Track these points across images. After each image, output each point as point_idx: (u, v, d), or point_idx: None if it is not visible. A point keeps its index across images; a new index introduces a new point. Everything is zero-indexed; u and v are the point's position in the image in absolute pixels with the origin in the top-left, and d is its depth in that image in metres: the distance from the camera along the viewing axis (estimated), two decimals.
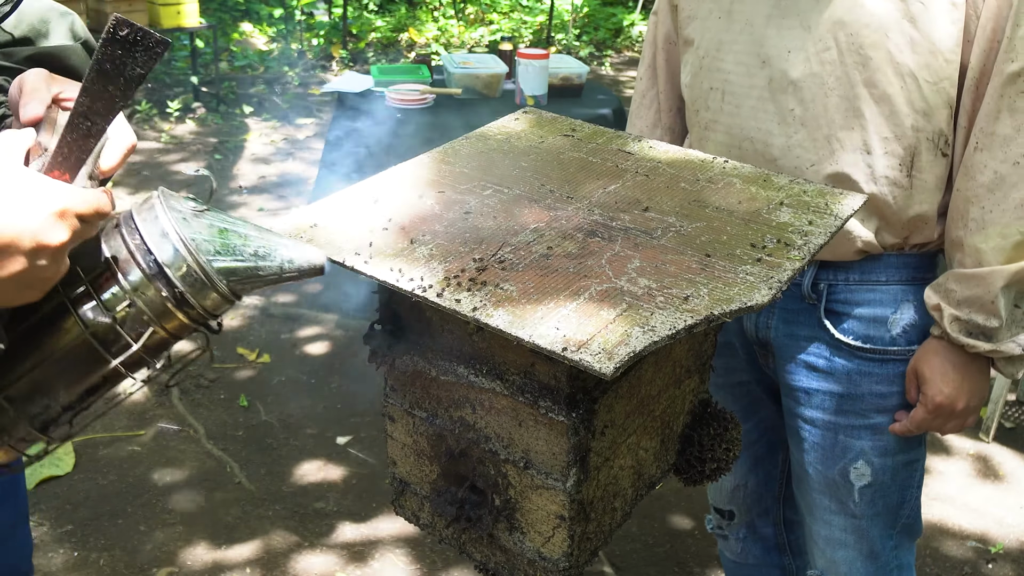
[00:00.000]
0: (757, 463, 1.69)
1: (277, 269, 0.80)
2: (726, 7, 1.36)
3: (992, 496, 2.76)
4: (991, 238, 1.22)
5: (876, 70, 1.23)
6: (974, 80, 1.22)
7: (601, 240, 0.98)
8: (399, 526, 2.54)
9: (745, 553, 1.78)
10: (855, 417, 1.39)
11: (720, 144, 1.39)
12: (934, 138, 1.25)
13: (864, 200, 1.11)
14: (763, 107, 1.33)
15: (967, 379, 1.29)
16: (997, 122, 1.19)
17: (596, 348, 0.79)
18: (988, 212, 1.22)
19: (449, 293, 0.87)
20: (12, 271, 0.69)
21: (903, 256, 1.34)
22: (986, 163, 1.21)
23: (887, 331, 1.35)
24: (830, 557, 1.49)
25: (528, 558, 1.04)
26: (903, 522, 1.46)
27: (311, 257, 0.82)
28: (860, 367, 1.37)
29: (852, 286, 1.36)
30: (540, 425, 0.95)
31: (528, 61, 3.34)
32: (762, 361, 1.52)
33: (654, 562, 2.46)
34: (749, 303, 0.87)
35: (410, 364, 1.03)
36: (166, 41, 0.73)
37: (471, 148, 1.21)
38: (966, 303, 1.24)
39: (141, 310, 0.76)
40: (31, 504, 2.57)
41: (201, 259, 0.76)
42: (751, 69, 1.33)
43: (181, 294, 0.76)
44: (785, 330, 1.42)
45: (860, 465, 1.40)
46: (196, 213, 0.79)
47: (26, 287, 0.71)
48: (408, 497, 1.15)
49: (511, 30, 8.88)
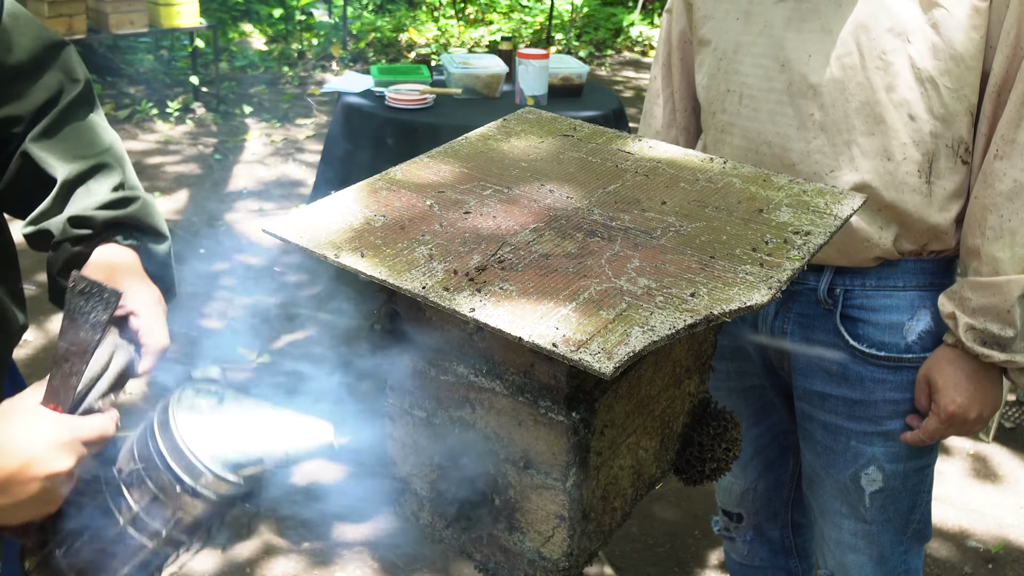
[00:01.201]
0: (768, 467, 1.68)
1: (285, 459, 0.95)
2: (744, 8, 1.34)
3: (992, 496, 2.76)
4: (1008, 247, 1.20)
5: (897, 75, 1.22)
6: (996, 87, 1.21)
7: (601, 240, 0.98)
8: (399, 527, 2.54)
9: (752, 556, 1.78)
10: (868, 423, 1.37)
11: (737, 147, 1.38)
12: (954, 145, 1.24)
13: (864, 200, 1.11)
14: (782, 111, 1.31)
15: (980, 389, 1.27)
16: (1019, 130, 1.18)
17: (596, 348, 0.79)
18: (1007, 221, 1.20)
19: (448, 293, 0.87)
20: (30, 493, 0.84)
21: (920, 262, 1.33)
22: (1006, 171, 1.20)
23: (902, 338, 1.33)
24: (840, 560, 1.48)
25: (528, 558, 1.04)
26: (914, 527, 1.45)
27: (319, 437, 0.96)
28: (874, 374, 1.36)
29: (868, 291, 1.34)
30: (540, 425, 0.95)
31: (528, 61, 3.34)
32: (777, 365, 1.51)
33: (654, 562, 2.46)
34: (748, 303, 0.87)
35: (410, 364, 1.03)
36: (117, 293, 0.86)
37: (471, 148, 1.21)
38: (981, 312, 1.23)
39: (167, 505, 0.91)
40: None
41: (216, 471, 0.89)
42: (770, 72, 1.31)
43: (196, 491, 0.89)
44: (801, 335, 1.41)
45: (872, 471, 1.39)
46: (213, 406, 0.94)
47: (44, 504, 0.86)
48: (407, 497, 1.15)
49: (511, 30, 8.88)
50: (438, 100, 3.45)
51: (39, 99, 1.11)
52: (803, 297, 1.39)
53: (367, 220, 1.00)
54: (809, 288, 1.38)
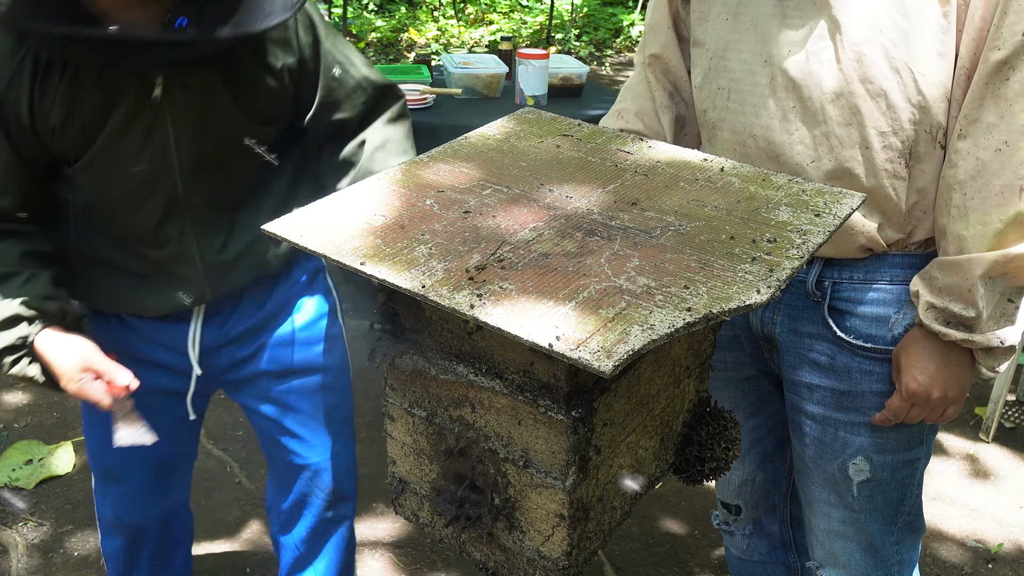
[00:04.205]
0: (766, 459, 1.69)
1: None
2: (733, 8, 1.37)
3: (992, 496, 2.76)
4: (972, 225, 1.21)
5: (871, 66, 1.24)
6: (964, 70, 1.22)
7: (600, 239, 0.98)
8: (399, 526, 2.54)
9: (751, 550, 1.78)
10: (855, 414, 1.39)
11: (726, 142, 1.40)
12: (932, 131, 1.26)
13: (863, 199, 1.11)
14: (764, 105, 1.33)
15: (943, 368, 1.28)
16: (981, 109, 1.19)
17: (595, 346, 0.79)
18: (970, 199, 1.21)
19: (448, 292, 0.87)
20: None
21: (907, 256, 1.34)
22: (969, 150, 1.21)
23: (889, 331, 1.35)
24: (829, 549, 1.49)
25: (528, 557, 1.04)
26: (904, 518, 1.46)
27: None
28: (862, 365, 1.37)
29: (856, 284, 1.36)
30: (539, 424, 0.95)
31: (528, 61, 3.34)
32: (767, 356, 1.53)
33: (654, 562, 2.46)
34: (748, 302, 0.87)
35: (409, 363, 1.03)
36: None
37: (471, 148, 1.21)
38: (946, 291, 1.24)
39: None
40: (31, 504, 2.58)
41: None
42: (755, 68, 1.34)
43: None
44: (789, 326, 1.43)
45: (859, 461, 1.41)
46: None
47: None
48: (407, 496, 1.15)
49: (511, 30, 8.88)
50: (438, 100, 3.45)
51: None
52: (792, 289, 1.41)
53: (367, 219, 1.01)
54: (798, 280, 1.40)
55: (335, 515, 1.79)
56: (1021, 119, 1.17)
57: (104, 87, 1.30)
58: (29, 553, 2.40)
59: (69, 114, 1.31)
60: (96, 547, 2.42)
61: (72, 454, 2.78)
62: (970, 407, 3.16)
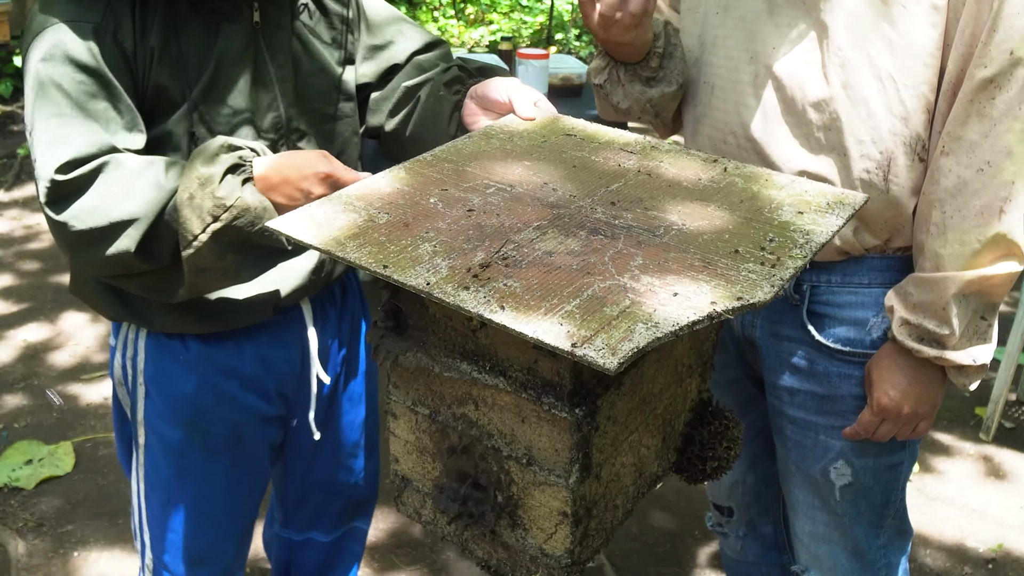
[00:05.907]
0: (755, 460, 1.69)
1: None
2: (723, 3, 1.37)
3: (992, 496, 2.77)
4: (950, 244, 1.21)
5: (854, 72, 1.23)
6: (951, 85, 1.21)
7: (604, 238, 0.98)
8: (399, 527, 2.54)
9: (745, 551, 1.78)
10: (835, 418, 1.39)
11: (708, 138, 1.40)
12: (912, 143, 1.25)
13: (866, 199, 1.11)
14: (746, 102, 1.33)
15: (915, 384, 1.28)
16: (965, 127, 1.18)
17: (600, 344, 0.80)
18: (949, 217, 1.20)
19: (452, 289, 0.87)
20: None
21: (885, 259, 1.34)
22: (951, 167, 1.20)
23: (867, 334, 1.35)
24: (814, 552, 1.50)
25: (530, 555, 1.04)
26: (889, 522, 1.46)
27: None
28: (840, 369, 1.37)
29: (834, 287, 1.35)
30: (543, 422, 0.96)
31: (528, 61, 3.34)
32: (750, 359, 1.53)
33: (654, 562, 2.46)
34: (751, 300, 0.88)
35: (413, 361, 1.03)
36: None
37: (474, 147, 1.21)
38: (920, 307, 1.24)
39: None
40: (31, 504, 2.57)
41: None
42: (739, 64, 1.34)
43: None
44: (769, 329, 1.43)
45: (840, 465, 1.40)
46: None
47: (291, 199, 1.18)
48: (410, 494, 1.15)
49: (511, 30, 8.89)
50: None
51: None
52: None
53: (371, 217, 1.01)
54: None
55: (360, 520, 1.81)
56: (1005, 140, 1.16)
57: (200, 15, 1.27)
58: (29, 553, 2.40)
59: (167, 43, 1.25)
60: (96, 547, 2.42)
61: (72, 454, 2.77)
62: (970, 407, 3.16)
